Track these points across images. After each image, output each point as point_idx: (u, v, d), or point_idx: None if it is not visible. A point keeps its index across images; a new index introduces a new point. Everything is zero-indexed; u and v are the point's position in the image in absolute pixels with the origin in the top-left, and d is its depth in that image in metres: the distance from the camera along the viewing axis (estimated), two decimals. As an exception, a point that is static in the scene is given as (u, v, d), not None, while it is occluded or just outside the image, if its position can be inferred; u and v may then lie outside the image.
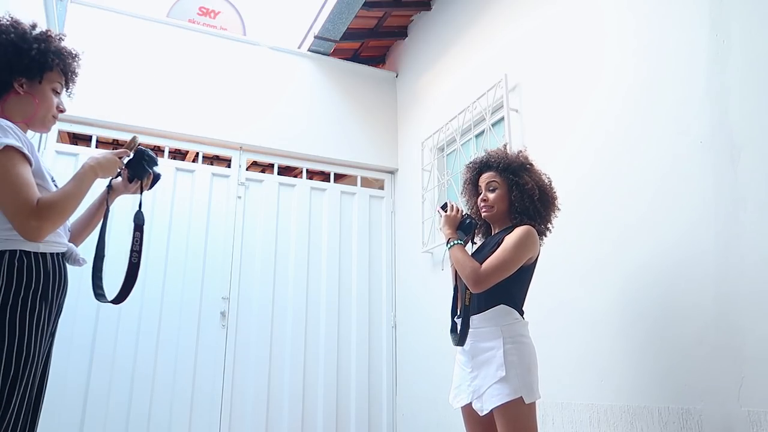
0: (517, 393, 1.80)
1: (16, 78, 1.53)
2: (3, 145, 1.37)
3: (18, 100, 1.55)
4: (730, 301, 1.87)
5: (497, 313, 1.92)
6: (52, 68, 1.58)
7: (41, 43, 1.56)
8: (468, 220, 2.09)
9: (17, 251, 1.42)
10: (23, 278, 1.42)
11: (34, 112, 1.57)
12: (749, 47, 1.93)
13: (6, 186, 1.37)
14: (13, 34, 1.53)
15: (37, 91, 1.57)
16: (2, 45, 1.51)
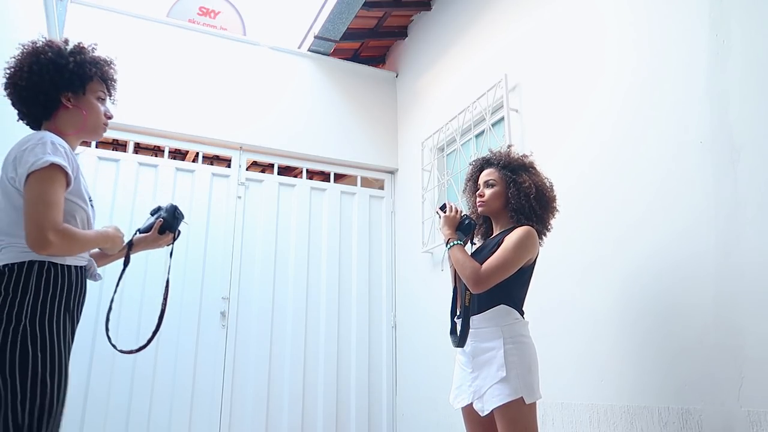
0: (517, 393, 1.80)
1: (62, 93, 1.59)
2: (49, 162, 1.43)
3: (68, 114, 1.62)
4: (730, 301, 1.87)
5: (497, 313, 1.92)
6: (92, 78, 1.65)
7: (77, 56, 1.62)
8: (467, 221, 2.09)
9: (45, 262, 1.47)
10: (50, 288, 1.47)
11: (83, 123, 1.64)
12: (749, 47, 1.93)
13: (39, 201, 1.42)
14: (50, 52, 1.59)
15: (83, 102, 1.64)
16: (43, 65, 1.57)
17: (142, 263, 3.47)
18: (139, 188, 3.67)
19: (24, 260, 1.45)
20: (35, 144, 1.46)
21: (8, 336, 1.39)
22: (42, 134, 1.51)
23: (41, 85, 1.57)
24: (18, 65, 1.59)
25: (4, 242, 1.47)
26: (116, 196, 3.59)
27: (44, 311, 1.44)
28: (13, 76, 1.59)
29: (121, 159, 3.69)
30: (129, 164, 3.68)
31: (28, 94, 1.58)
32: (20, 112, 1.65)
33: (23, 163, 1.44)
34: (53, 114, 1.61)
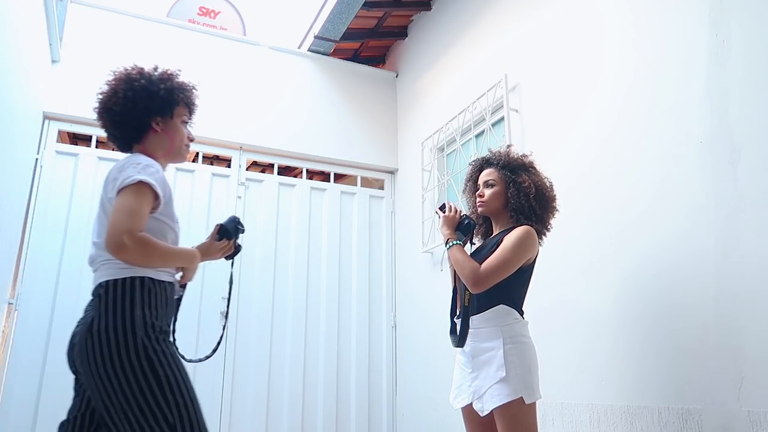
0: (517, 393, 1.80)
1: (152, 118, 1.69)
2: (137, 179, 1.50)
3: (156, 137, 1.70)
4: (730, 300, 1.87)
5: (497, 313, 1.91)
6: (178, 103, 1.75)
7: (167, 83, 1.72)
8: (466, 221, 2.09)
9: (145, 278, 1.53)
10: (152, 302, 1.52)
11: (171, 146, 1.72)
12: (749, 47, 1.93)
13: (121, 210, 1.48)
14: (143, 79, 1.69)
15: (170, 126, 1.73)
16: (137, 92, 1.66)
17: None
18: (139, 188, 3.66)
19: (126, 276, 1.50)
20: (128, 165, 1.55)
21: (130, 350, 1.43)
22: (137, 156, 1.60)
23: (134, 110, 1.65)
24: (112, 91, 1.67)
25: (103, 257, 1.53)
26: (116, 196, 3.58)
27: (153, 324, 1.49)
28: (108, 101, 1.67)
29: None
30: (129, 164, 3.68)
31: (122, 118, 1.66)
32: (111, 135, 1.73)
33: (116, 182, 1.52)
34: (143, 137, 1.69)
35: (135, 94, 1.65)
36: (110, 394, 1.41)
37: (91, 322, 1.47)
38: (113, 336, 1.43)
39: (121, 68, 1.71)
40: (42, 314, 3.25)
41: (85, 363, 1.44)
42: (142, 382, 1.41)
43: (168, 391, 1.43)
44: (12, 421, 3.07)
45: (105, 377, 1.41)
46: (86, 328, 1.47)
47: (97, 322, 1.45)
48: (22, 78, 2.72)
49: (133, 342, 1.44)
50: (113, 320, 1.45)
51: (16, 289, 3.25)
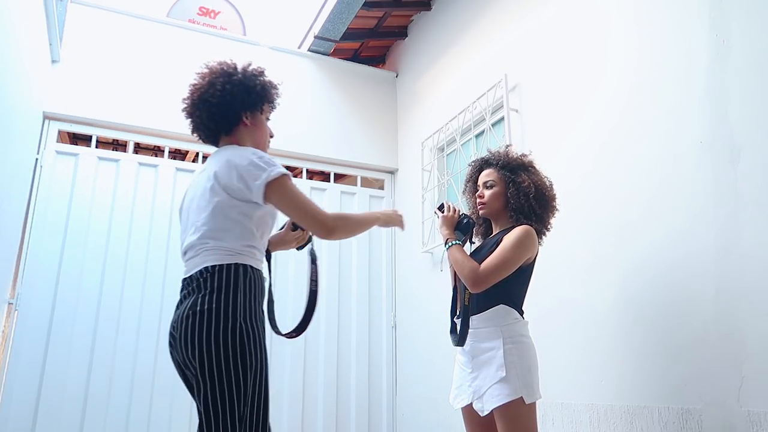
0: (517, 393, 1.80)
1: (244, 112, 1.77)
2: (281, 172, 1.62)
3: (246, 130, 1.79)
4: (730, 300, 1.87)
5: (497, 313, 1.91)
6: (267, 100, 1.84)
7: (261, 78, 1.81)
8: (465, 220, 2.09)
9: (247, 266, 1.61)
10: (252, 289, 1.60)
11: (257, 140, 1.82)
12: (749, 47, 1.93)
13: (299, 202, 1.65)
14: (240, 74, 1.77)
15: (258, 121, 1.83)
16: (235, 85, 1.73)
17: (142, 263, 3.48)
18: (139, 188, 3.66)
19: (231, 262, 1.57)
20: (253, 158, 1.62)
21: (228, 332, 1.50)
22: (250, 149, 1.67)
23: (232, 103, 1.73)
24: (209, 84, 1.73)
25: (209, 244, 1.59)
26: (116, 196, 3.59)
27: (252, 310, 1.57)
28: (204, 92, 1.72)
29: (121, 159, 3.69)
30: (129, 164, 3.68)
31: (218, 110, 1.73)
32: (202, 126, 1.77)
33: (253, 176, 1.59)
34: (234, 129, 1.77)
35: (233, 87, 1.72)
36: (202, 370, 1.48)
37: (195, 302, 1.53)
38: (214, 317, 1.50)
39: (214, 62, 1.78)
40: (42, 314, 3.25)
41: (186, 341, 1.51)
42: (231, 367, 1.48)
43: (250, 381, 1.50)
44: (12, 421, 3.07)
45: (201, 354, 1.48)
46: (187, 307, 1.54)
47: (201, 303, 1.52)
48: (22, 78, 2.72)
49: (232, 325, 1.51)
50: (217, 302, 1.52)
51: (16, 289, 3.25)
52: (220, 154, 1.69)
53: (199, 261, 1.60)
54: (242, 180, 1.59)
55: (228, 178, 1.60)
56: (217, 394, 1.46)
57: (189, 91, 1.76)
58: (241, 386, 1.48)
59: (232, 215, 1.60)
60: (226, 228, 1.59)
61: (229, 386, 1.47)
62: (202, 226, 1.62)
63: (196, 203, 1.67)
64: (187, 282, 1.62)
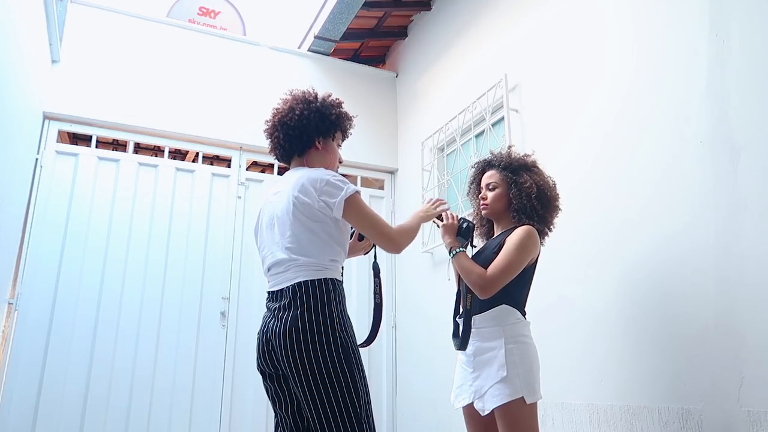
0: (518, 393, 1.80)
1: (317, 137, 1.90)
2: (355, 190, 1.75)
3: (317, 154, 1.92)
4: (730, 300, 1.87)
5: (499, 313, 1.91)
6: (340, 129, 1.97)
7: (336, 109, 1.94)
8: (465, 224, 2.08)
9: (335, 280, 1.75)
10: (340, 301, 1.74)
11: (327, 164, 1.93)
12: (749, 47, 1.93)
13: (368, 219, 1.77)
14: (318, 102, 1.92)
15: (329, 146, 1.95)
16: (312, 111, 1.89)
17: (142, 263, 3.47)
18: (139, 188, 3.66)
19: (321, 277, 1.71)
20: (329, 178, 1.76)
21: (331, 345, 1.63)
22: (325, 171, 1.80)
23: (307, 127, 1.87)
24: (290, 109, 1.89)
25: (299, 261, 1.72)
26: (116, 196, 3.59)
27: (345, 320, 1.72)
28: (284, 116, 1.89)
29: (121, 159, 3.69)
30: (129, 164, 3.68)
31: (294, 133, 1.87)
32: (278, 146, 1.92)
33: (331, 193, 1.73)
34: (306, 152, 1.91)
35: (311, 114, 1.87)
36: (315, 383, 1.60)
37: (295, 318, 1.65)
38: (316, 331, 1.63)
39: (298, 91, 1.95)
40: (42, 314, 3.25)
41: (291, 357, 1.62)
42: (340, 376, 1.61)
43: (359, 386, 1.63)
44: (12, 421, 3.07)
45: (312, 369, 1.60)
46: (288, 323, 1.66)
47: (302, 319, 1.64)
48: (22, 78, 2.72)
49: (332, 337, 1.64)
50: (317, 317, 1.65)
51: (16, 289, 3.25)
52: (295, 176, 1.81)
53: (290, 276, 1.72)
54: (323, 198, 1.73)
55: (310, 198, 1.73)
56: (334, 404, 1.59)
57: (272, 115, 1.93)
58: (355, 391, 1.61)
59: (317, 232, 1.73)
60: (313, 244, 1.73)
61: (343, 394, 1.60)
62: (290, 243, 1.74)
63: (280, 222, 1.78)
64: (277, 296, 1.74)
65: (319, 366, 1.60)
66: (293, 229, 1.74)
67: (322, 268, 1.72)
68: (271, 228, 1.82)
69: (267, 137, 1.96)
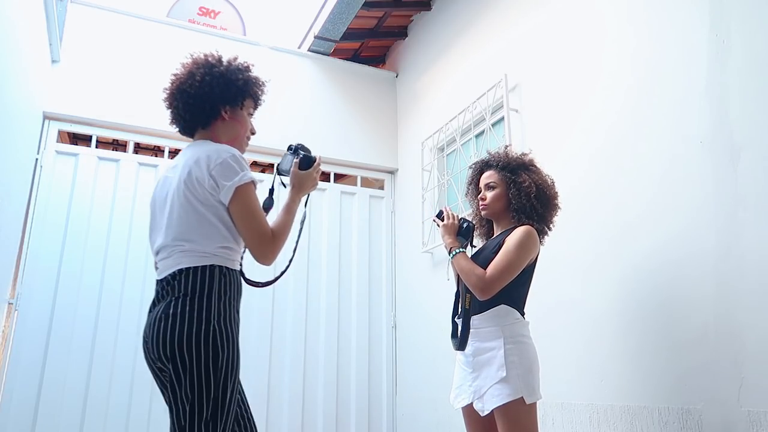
0: (518, 393, 1.80)
1: (222, 106, 1.72)
2: (251, 179, 1.58)
3: (224, 125, 1.74)
4: (730, 300, 1.87)
5: (497, 313, 1.92)
6: (249, 96, 1.78)
7: (243, 74, 1.76)
8: (465, 224, 2.09)
9: (223, 267, 1.58)
10: (227, 291, 1.57)
11: (235, 135, 1.76)
12: (749, 47, 1.93)
13: (254, 219, 1.58)
14: (223, 66, 1.73)
15: (238, 116, 1.77)
16: (215, 77, 1.69)
17: (142, 263, 3.47)
18: (139, 188, 3.66)
19: (206, 264, 1.54)
20: (228, 157, 1.58)
21: (201, 335, 1.48)
22: (226, 147, 1.62)
23: (210, 95, 1.68)
24: (189, 74, 1.69)
25: (184, 246, 1.56)
26: (116, 196, 3.59)
27: (226, 312, 1.55)
28: (183, 83, 1.69)
29: (121, 159, 3.68)
30: (129, 164, 3.68)
31: (195, 101, 1.69)
32: (178, 117, 1.75)
33: (225, 175, 1.55)
34: (211, 123, 1.72)
35: (213, 79, 1.68)
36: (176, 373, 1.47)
37: (167, 306, 1.51)
38: (187, 320, 1.48)
39: (200, 53, 1.73)
40: (42, 314, 3.25)
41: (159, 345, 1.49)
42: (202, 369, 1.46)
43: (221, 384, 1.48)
44: (12, 421, 3.07)
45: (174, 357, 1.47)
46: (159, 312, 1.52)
47: (174, 307, 1.50)
48: (22, 78, 2.72)
49: (205, 328, 1.48)
50: (190, 305, 1.50)
51: (16, 289, 3.25)
52: (193, 150, 1.64)
53: (172, 263, 1.57)
54: (213, 178, 1.55)
55: (202, 178, 1.56)
56: (185, 397, 1.45)
57: (170, 81, 1.73)
58: (211, 389, 1.46)
59: (205, 215, 1.56)
60: (200, 229, 1.56)
61: (199, 388, 1.46)
62: (175, 226, 1.58)
63: (169, 201, 1.62)
64: (161, 284, 1.59)
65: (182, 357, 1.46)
66: (180, 212, 1.57)
67: (209, 255, 1.55)
68: (162, 208, 1.65)
69: (167, 108, 1.76)
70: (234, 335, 1.55)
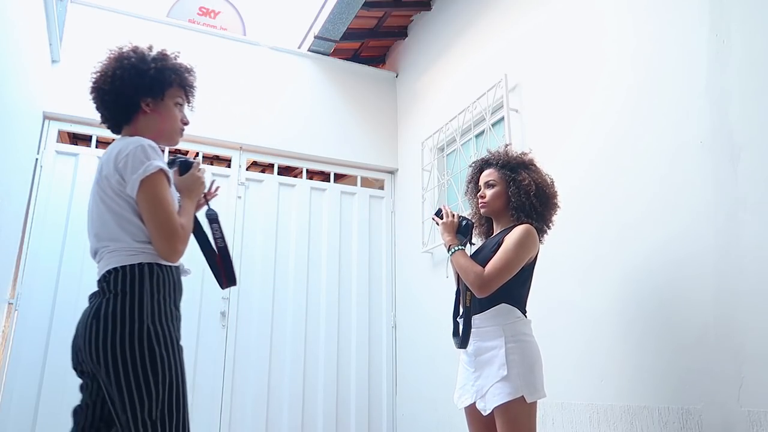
0: (518, 392, 1.80)
1: (142, 98, 1.64)
2: (157, 168, 1.50)
3: (146, 119, 1.66)
4: (730, 300, 1.87)
5: (498, 312, 1.91)
6: (171, 84, 1.69)
7: (158, 62, 1.67)
8: (464, 222, 2.09)
9: (153, 264, 1.53)
10: (161, 289, 1.52)
11: (160, 128, 1.68)
12: (749, 47, 1.93)
13: (160, 210, 1.51)
14: (133, 58, 1.65)
15: (161, 107, 1.68)
16: (125, 69, 1.62)
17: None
18: (139, 188, 3.66)
19: (134, 263, 1.50)
20: (135, 149, 1.51)
21: (134, 336, 1.43)
22: (136, 139, 1.55)
23: (123, 89, 1.62)
24: (103, 70, 1.64)
25: (110, 247, 1.52)
26: (116, 196, 3.58)
27: (161, 310, 1.50)
28: (98, 80, 1.64)
29: (121, 159, 3.68)
30: (129, 164, 3.67)
31: (110, 98, 1.63)
32: (102, 116, 1.70)
33: (130, 169, 1.49)
34: (133, 118, 1.66)
35: (123, 72, 1.61)
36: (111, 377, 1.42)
37: (98, 307, 1.47)
38: (119, 321, 1.44)
39: (116, 48, 1.67)
40: (42, 314, 3.25)
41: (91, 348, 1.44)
42: (139, 372, 1.42)
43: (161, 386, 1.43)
44: (12, 421, 3.07)
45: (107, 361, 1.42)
46: (92, 313, 1.47)
47: (105, 308, 1.46)
48: (22, 78, 2.72)
49: (139, 329, 1.44)
50: (122, 305, 1.45)
51: (16, 289, 3.25)
52: (110, 147, 1.59)
53: (103, 265, 1.54)
54: (119, 172, 1.51)
55: (111, 172, 1.52)
56: (126, 401, 1.40)
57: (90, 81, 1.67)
58: (151, 391, 1.42)
59: (120, 212, 1.52)
60: (120, 228, 1.52)
61: (139, 392, 1.41)
62: (98, 228, 1.55)
63: (90, 203, 1.59)
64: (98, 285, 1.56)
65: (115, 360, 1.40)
66: (98, 213, 1.54)
67: (136, 252, 1.50)
68: (90, 211, 1.61)
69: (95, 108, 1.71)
70: (171, 333, 1.50)
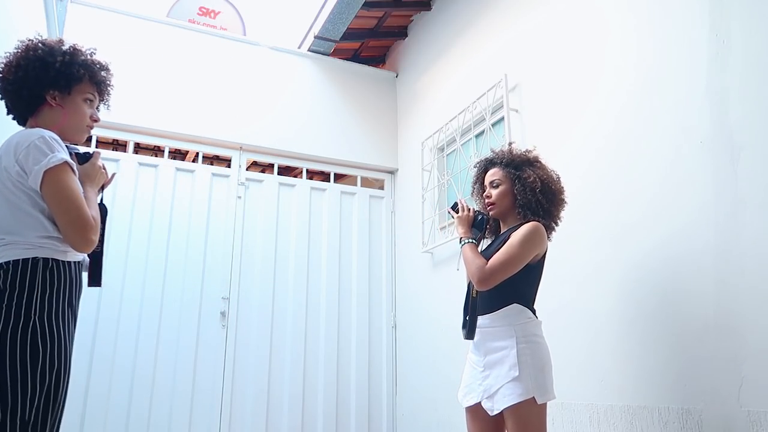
0: (529, 393, 1.79)
1: (47, 91, 1.61)
2: (63, 160, 1.47)
3: (49, 111, 1.63)
4: (730, 301, 1.87)
5: (510, 312, 1.91)
6: (80, 80, 1.66)
7: (66, 56, 1.63)
8: (480, 217, 2.10)
9: (49, 259, 1.49)
10: (54, 285, 1.49)
11: (61, 122, 1.64)
12: (749, 47, 1.93)
13: (70, 202, 1.48)
14: (41, 50, 1.62)
15: (67, 102, 1.65)
16: (30, 61, 1.60)
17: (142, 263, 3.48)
18: (139, 188, 3.66)
19: (28, 257, 1.46)
20: (37, 140, 1.48)
21: (18, 332, 1.40)
22: (37, 131, 1.52)
23: (26, 80, 1.59)
24: (9, 60, 1.62)
25: (5, 240, 1.48)
26: (116, 196, 3.58)
27: (51, 307, 1.46)
28: (3, 71, 1.62)
29: (121, 159, 3.68)
30: (129, 164, 3.68)
31: (13, 88, 1.61)
32: (7, 107, 1.68)
33: (32, 161, 1.46)
34: (36, 110, 1.63)
35: (28, 64, 1.59)
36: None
37: None
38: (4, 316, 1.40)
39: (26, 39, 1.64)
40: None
41: None
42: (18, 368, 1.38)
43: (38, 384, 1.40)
44: (12, 421, 3.06)
45: None
46: None
47: None
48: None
49: (24, 325, 1.41)
50: (8, 301, 1.42)
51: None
52: (9, 138, 1.56)
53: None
54: (20, 164, 1.47)
55: (9, 164, 1.48)
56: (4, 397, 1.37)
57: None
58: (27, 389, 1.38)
59: (19, 205, 1.48)
60: (16, 221, 1.48)
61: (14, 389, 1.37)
62: None
63: None
64: None
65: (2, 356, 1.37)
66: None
67: (33, 247, 1.46)
68: None
69: None
70: (60, 332, 1.46)
